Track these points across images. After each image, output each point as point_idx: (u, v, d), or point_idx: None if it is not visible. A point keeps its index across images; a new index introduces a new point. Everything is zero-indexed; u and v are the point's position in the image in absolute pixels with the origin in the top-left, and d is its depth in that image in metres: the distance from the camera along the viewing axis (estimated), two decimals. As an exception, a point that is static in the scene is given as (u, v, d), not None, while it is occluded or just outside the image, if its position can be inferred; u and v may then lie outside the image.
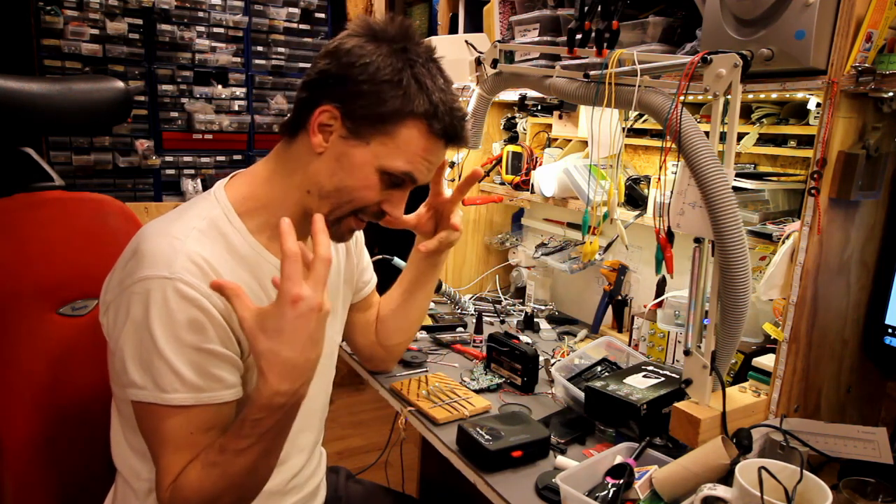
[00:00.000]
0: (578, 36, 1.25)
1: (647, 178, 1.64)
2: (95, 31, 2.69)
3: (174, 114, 2.94)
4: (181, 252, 0.87)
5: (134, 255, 0.88)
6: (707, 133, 0.99)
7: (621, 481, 0.98)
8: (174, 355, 0.84)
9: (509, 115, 2.15)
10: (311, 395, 1.09)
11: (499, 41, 1.51)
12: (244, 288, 0.93)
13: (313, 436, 1.13)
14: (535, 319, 1.87)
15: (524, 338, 1.67)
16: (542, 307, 2.01)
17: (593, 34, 1.21)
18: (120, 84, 1.23)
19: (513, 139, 2.12)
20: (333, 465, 1.34)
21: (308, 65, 0.98)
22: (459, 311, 1.93)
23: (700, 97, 1.30)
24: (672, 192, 1.05)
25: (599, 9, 1.20)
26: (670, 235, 1.09)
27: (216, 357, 0.87)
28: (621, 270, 1.78)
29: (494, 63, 1.45)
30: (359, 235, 1.25)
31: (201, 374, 0.85)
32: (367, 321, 1.34)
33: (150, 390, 0.84)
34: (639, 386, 1.22)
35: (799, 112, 1.33)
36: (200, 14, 2.92)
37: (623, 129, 1.48)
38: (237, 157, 3.18)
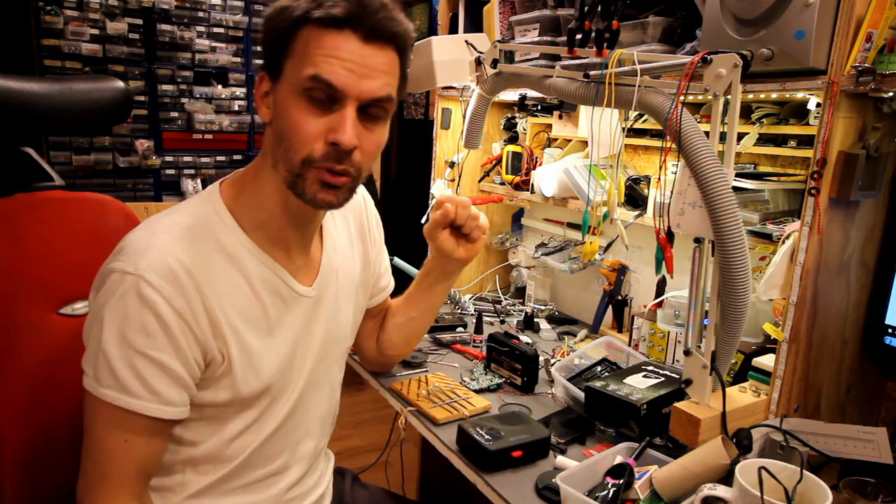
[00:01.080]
0: (578, 36, 1.25)
1: (647, 178, 1.64)
2: (95, 31, 2.69)
3: (174, 114, 2.95)
4: (154, 249, 0.85)
5: (120, 241, 0.89)
6: (707, 133, 0.99)
7: (621, 481, 0.98)
8: (115, 350, 0.82)
9: (509, 115, 2.15)
10: (313, 403, 1.07)
11: (499, 41, 1.51)
12: (232, 286, 0.91)
13: (314, 443, 1.10)
14: (535, 319, 1.87)
15: (524, 338, 1.67)
16: (542, 307, 2.01)
17: (593, 34, 1.21)
18: (120, 84, 1.23)
19: (513, 139, 2.12)
20: (339, 467, 1.32)
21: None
22: (459, 311, 1.93)
23: (700, 97, 1.30)
24: (672, 192, 1.05)
25: (599, 9, 1.20)
26: (670, 235, 1.09)
27: (159, 368, 0.84)
28: (621, 270, 1.78)
29: (494, 63, 1.45)
30: (377, 236, 1.22)
31: (137, 378, 0.83)
32: (375, 326, 1.33)
33: (91, 378, 0.84)
34: (639, 386, 1.22)
35: (799, 112, 1.33)
36: (200, 14, 2.92)
37: (623, 129, 1.48)
38: (237, 157, 3.18)
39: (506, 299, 2.11)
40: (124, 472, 0.86)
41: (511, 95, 1.85)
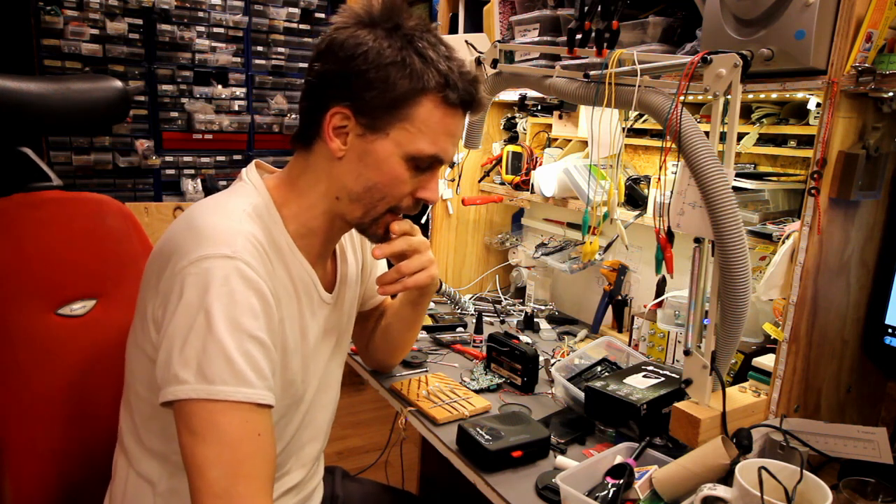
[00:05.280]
0: (578, 36, 1.25)
1: (647, 178, 1.64)
2: (95, 31, 2.69)
3: (174, 114, 2.95)
4: (240, 232, 0.84)
5: (188, 232, 0.83)
6: (707, 133, 0.99)
7: (621, 481, 0.98)
8: (229, 338, 0.76)
9: (509, 115, 2.14)
10: (322, 406, 1.08)
11: (499, 41, 1.50)
12: (279, 284, 0.90)
13: (319, 445, 1.11)
14: (535, 319, 1.87)
15: (524, 338, 1.67)
16: (542, 307, 2.01)
17: (593, 34, 1.21)
18: (118, 83, 1.22)
19: (513, 139, 2.12)
20: (329, 466, 1.33)
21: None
22: (459, 311, 1.93)
23: (700, 97, 1.30)
24: (672, 192, 1.05)
25: (599, 9, 1.20)
26: (670, 235, 1.09)
27: (265, 349, 0.81)
28: (621, 270, 1.78)
29: (494, 63, 1.45)
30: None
31: (252, 366, 0.78)
32: (369, 328, 1.33)
33: (193, 384, 0.75)
34: (639, 386, 1.21)
35: (799, 112, 1.33)
36: (200, 14, 2.92)
37: (623, 129, 1.48)
38: (237, 157, 3.18)
39: (506, 299, 2.11)
40: (267, 467, 0.79)
41: (511, 95, 1.85)
